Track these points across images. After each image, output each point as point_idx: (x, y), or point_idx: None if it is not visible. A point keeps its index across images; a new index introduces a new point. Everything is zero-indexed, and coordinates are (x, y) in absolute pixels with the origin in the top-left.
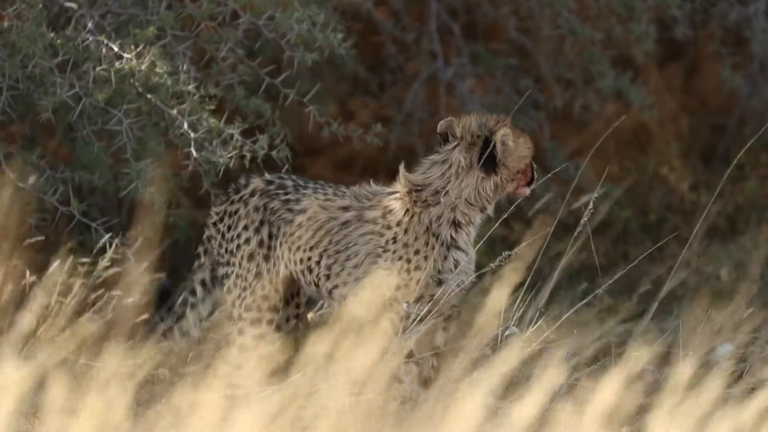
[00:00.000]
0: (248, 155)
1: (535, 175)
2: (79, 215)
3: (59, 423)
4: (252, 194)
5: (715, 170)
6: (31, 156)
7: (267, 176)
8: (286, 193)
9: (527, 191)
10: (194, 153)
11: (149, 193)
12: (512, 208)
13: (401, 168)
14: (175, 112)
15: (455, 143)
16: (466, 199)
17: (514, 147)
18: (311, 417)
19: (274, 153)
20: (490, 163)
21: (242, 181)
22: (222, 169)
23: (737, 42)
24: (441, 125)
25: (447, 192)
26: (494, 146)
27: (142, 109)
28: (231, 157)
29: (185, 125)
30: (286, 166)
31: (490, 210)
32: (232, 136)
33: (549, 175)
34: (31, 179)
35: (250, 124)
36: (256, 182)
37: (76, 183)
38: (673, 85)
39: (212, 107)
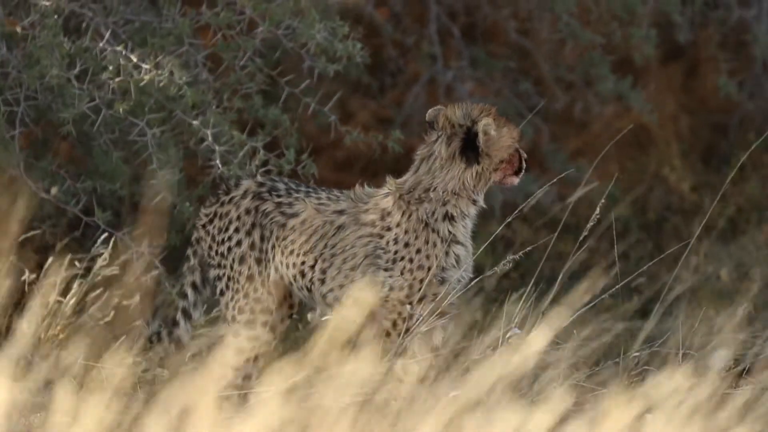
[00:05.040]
0: (274, 170)
1: (524, 165)
2: (104, 225)
3: (59, 424)
4: (243, 196)
5: (716, 170)
6: (49, 165)
7: (258, 178)
8: (279, 196)
9: (515, 180)
10: (220, 167)
11: (175, 201)
12: (517, 211)
13: (389, 178)
14: (197, 122)
15: (437, 135)
16: (452, 190)
17: (497, 136)
18: (311, 418)
19: (299, 168)
20: (471, 153)
21: (232, 182)
22: None
23: (737, 45)
24: (429, 114)
25: (435, 187)
26: (476, 136)
27: (163, 118)
28: (257, 173)
29: (209, 137)
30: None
31: (481, 201)
32: (255, 149)
33: (554, 180)
34: (53, 190)
35: (268, 134)
36: (248, 184)
37: (98, 193)
38: (673, 86)
39: (233, 118)
